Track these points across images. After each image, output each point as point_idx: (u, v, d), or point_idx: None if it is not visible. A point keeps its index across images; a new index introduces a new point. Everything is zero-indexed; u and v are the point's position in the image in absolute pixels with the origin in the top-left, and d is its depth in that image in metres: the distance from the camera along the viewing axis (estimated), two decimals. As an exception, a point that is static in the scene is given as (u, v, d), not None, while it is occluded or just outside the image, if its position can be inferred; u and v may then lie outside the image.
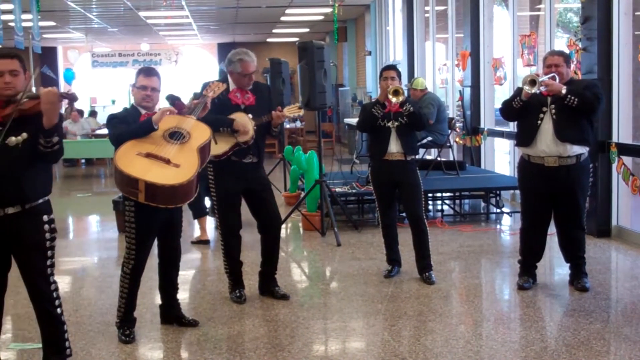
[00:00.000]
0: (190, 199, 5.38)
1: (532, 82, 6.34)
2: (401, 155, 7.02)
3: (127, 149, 5.27)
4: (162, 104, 6.77)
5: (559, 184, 6.51)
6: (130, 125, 5.49)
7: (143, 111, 5.63)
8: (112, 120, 5.65)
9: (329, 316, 6.23)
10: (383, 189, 7.21)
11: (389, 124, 7.01)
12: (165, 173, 5.15)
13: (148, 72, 5.71)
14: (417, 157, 7.53)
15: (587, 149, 6.54)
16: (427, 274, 7.12)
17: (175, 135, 5.44)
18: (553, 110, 6.41)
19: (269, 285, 6.78)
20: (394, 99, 6.89)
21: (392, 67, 7.22)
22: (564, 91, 6.31)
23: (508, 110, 6.71)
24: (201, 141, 5.50)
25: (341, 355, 5.43)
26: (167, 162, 5.22)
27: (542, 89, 6.39)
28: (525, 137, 6.61)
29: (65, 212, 12.47)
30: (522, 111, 6.57)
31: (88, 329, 6.00)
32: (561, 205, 6.65)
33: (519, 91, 6.55)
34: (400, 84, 7.12)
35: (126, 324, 5.73)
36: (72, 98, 4.56)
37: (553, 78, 6.45)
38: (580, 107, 6.32)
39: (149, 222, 5.52)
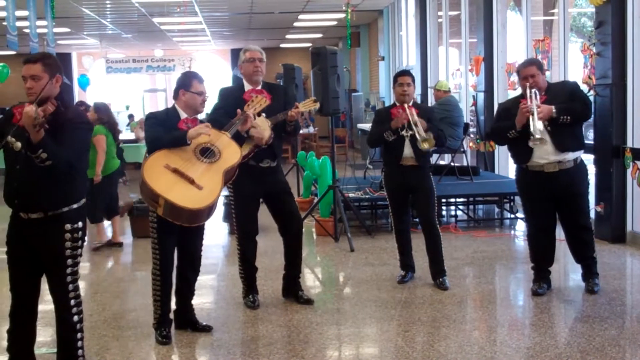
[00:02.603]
0: (205, 220, 5.48)
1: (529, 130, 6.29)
2: (414, 161, 7.00)
3: (156, 160, 5.32)
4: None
5: (560, 188, 6.51)
6: (167, 128, 5.55)
7: (183, 115, 5.68)
8: (150, 119, 5.74)
9: (343, 322, 6.22)
10: (397, 194, 7.18)
11: (403, 132, 6.95)
12: (186, 194, 5.19)
13: (201, 78, 5.80)
14: (430, 162, 7.50)
15: (582, 151, 6.58)
16: (440, 279, 7.10)
17: (207, 153, 5.48)
18: (546, 122, 6.36)
19: (293, 289, 6.79)
20: (425, 145, 6.85)
21: (407, 73, 7.18)
22: (554, 114, 6.30)
23: (501, 140, 6.84)
24: (229, 164, 5.54)
25: (355, 360, 5.44)
26: (192, 182, 5.26)
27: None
28: (522, 153, 6.57)
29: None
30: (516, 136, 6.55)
31: (102, 334, 6.01)
32: (564, 208, 6.66)
33: (511, 124, 6.46)
34: (414, 89, 7.10)
35: (163, 325, 5.78)
36: (41, 126, 4.31)
37: (536, 95, 6.39)
38: (574, 122, 6.36)
39: (170, 223, 5.52)
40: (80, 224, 4.73)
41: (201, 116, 5.89)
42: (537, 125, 6.22)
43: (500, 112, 6.83)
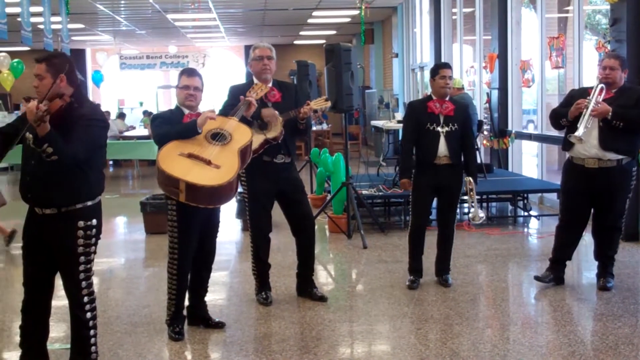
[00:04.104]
0: (230, 199, 5.50)
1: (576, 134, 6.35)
2: (449, 159, 6.85)
3: (170, 150, 5.37)
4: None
5: (599, 185, 6.55)
6: (173, 125, 5.59)
7: (186, 111, 5.74)
8: (156, 120, 5.79)
9: (355, 319, 6.23)
10: (425, 194, 6.98)
11: (439, 128, 6.85)
12: (205, 174, 5.23)
13: (190, 72, 5.83)
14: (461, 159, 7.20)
15: (629, 157, 6.57)
16: (445, 276, 7.14)
17: (217, 137, 5.53)
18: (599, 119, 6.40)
19: (306, 287, 6.79)
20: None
21: (449, 65, 7.09)
22: (609, 116, 6.31)
23: (555, 125, 6.80)
24: (242, 143, 5.57)
25: (367, 358, 5.44)
26: (208, 163, 5.30)
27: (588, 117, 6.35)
28: (568, 141, 6.58)
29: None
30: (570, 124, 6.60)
31: (115, 330, 6.03)
32: (600, 205, 6.71)
33: (565, 112, 6.53)
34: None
35: (176, 321, 5.80)
36: (41, 120, 4.28)
37: (601, 90, 6.40)
38: (626, 128, 6.36)
39: (191, 221, 5.58)
40: (94, 221, 4.74)
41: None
42: (585, 123, 6.28)
43: (567, 98, 6.82)
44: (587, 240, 6.97)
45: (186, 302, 5.95)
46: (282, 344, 5.61)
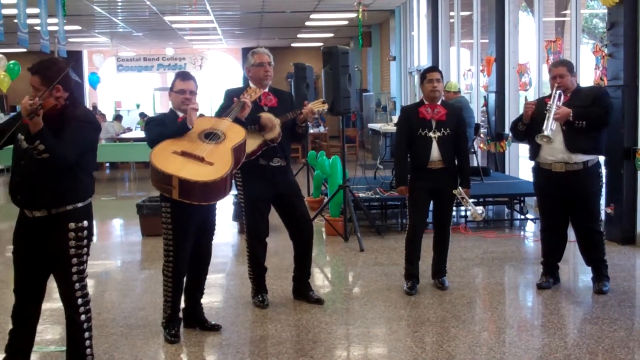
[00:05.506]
0: (223, 196, 5.48)
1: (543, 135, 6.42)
2: (442, 163, 6.81)
3: (163, 148, 5.39)
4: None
5: (567, 189, 6.63)
6: (167, 126, 5.61)
7: (180, 114, 5.74)
8: (150, 123, 5.81)
9: (352, 321, 6.22)
10: (421, 197, 6.93)
11: (431, 133, 6.82)
12: (198, 170, 5.24)
13: (184, 76, 5.85)
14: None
15: (596, 156, 6.66)
16: (441, 278, 7.13)
17: (211, 136, 5.55)
18: (562, 123, 6.49)
19: (303, 290, 6.79)
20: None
21: (436, 69, 7.08)
22: (571, 118, 6.41)
23: (516, 134, 6.93)
24: (235, 141, 5.58)
25: (363, 361, 5.43)
26: (201, 160, 5.32)
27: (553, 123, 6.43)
28: (532, 149, 6.75)
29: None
30: (529, 131, 6.67)
31: (111, 332, 6.02)
32: (574, 209, 6.78)
33: (521, 116, 6.76)
34: (443, 85, 7.02)
35: (172, 323, 5.80)
36: (34, 113, 4.30)
37: (559, 96, 6.50)
38: (590, 127, 6.44)
39: (186, 222, 5.57)
40: (85, 223, 4.72)
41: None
42: (550, 125, 6.34)
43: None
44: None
45: (182, 305, 5.94)
46: (279, 346, 5.61)
